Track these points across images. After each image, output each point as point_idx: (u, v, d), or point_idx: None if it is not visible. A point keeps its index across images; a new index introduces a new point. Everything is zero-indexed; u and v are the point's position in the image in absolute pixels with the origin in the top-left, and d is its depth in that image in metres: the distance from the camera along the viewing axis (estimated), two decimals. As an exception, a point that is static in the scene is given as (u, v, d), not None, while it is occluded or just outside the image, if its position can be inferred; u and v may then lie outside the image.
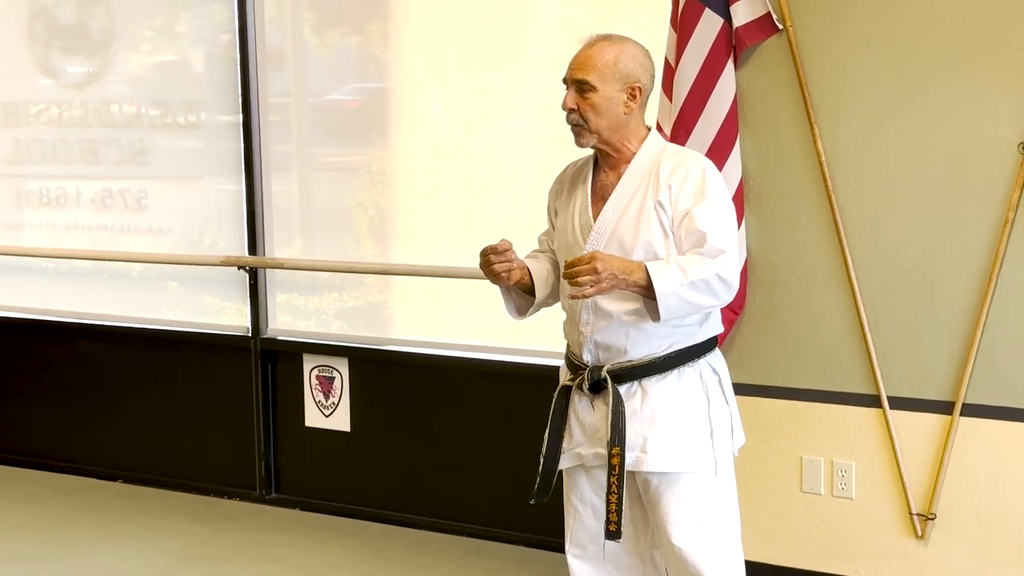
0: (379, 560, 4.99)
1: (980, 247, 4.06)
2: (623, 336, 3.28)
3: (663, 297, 3.10)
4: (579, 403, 3.39)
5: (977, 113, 4.03)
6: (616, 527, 3.26)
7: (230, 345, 5.74)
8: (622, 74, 3.28)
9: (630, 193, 3.29)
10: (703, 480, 3.31)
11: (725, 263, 3.16)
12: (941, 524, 4.21)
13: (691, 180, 3.24)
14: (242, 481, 5.74)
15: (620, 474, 3.24)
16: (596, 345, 3.33)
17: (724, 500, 3.35)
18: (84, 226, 6.19)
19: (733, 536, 3.39)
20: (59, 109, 6.20)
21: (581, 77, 3.28)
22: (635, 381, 3.30)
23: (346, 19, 5.53)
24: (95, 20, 6.05)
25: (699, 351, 3.35)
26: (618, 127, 3.30)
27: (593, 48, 3.31)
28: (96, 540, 5.29)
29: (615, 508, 3.26)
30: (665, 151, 3.33)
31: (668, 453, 3.27)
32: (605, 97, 3.27)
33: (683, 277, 3.12)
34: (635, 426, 3.28)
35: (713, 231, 3.18)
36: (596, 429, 3.34)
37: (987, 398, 4.10)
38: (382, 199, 5.49)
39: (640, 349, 3.29)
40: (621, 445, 3.24)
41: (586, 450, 3.37)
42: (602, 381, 3.30)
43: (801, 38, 4.25)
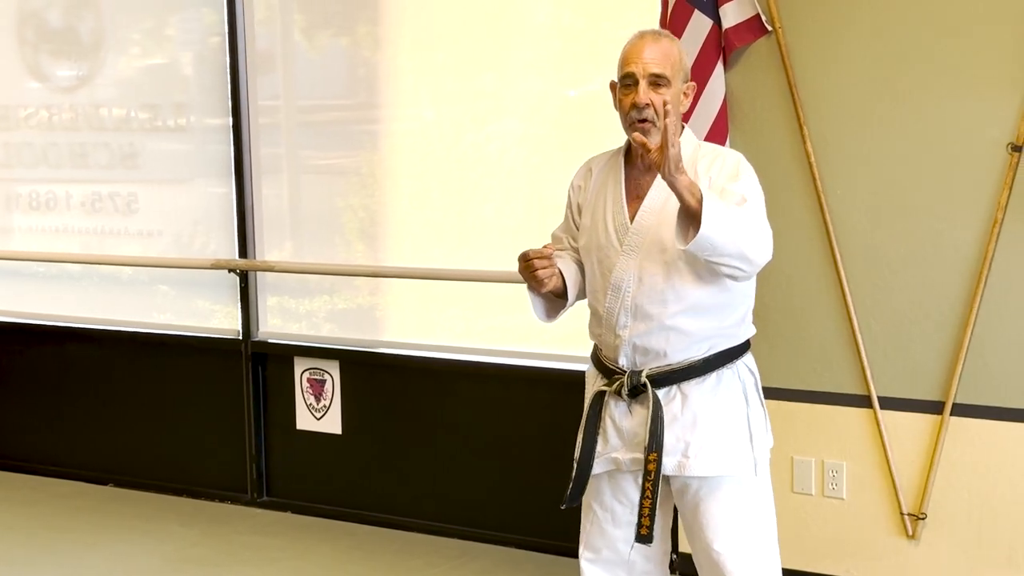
0: (370, 562, 4.99)
1: (969, 247, 4.07)
2: (663, 340, 3.21)
3: (709, 208, 2.91)
4: (615, 408, 3.31)
5: (966, 114, 4.04)
6: (648, 531, 3.22)
7: (221, 348, 5.73)
8: (685, 71, 3.24)
9: (668, 191, 3.11)
10: (743, 484, 3.26)
11: (763, 221, 3.11)
12: (932, 524, 4.22)
13: (727, 167, 3.19)
14: (233, 484, 5.74)
15: (655, 479, 3.19)
16: (634, 349, 3.25)
17: (763, 503, 3.30)
18: (74, 230, 6.18)
19: (771, 540, 3.33)
20: (49, 113, 6.20)
21: (659, 71, 3.16)
22: (674, 385, 3.23)
23: (335, 22, 5.53)
24: (84, 23, 6.05)
25: (737, 353, 3.29)
26: (679, 123, 3.20)
27: (661, 43, 3.20)
28: (88, 544, 5.28)
29: (648, 512, 3.21)
30: (701, 148, 3.27)
31: (711, 457, 3.21)
32: (676, 92, 3.19)
33: (730, 207, 3.01)
34: (676, 431, 3.22)
35: (751, 197, 3.11)
36: (635, 434, 3.27)
37: (977, 398, 4.11)
38: (372, 201, 5.49)
39: (680, 353, 3.22)
40: (658, 451, 3.18)
41: (623, 455, 3.29)
42: (641, 386, 3.23)
43: (790, 40, 4.26)
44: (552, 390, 5.00)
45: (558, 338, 5.05)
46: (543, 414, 5.03)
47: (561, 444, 5.00)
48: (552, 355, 5.01)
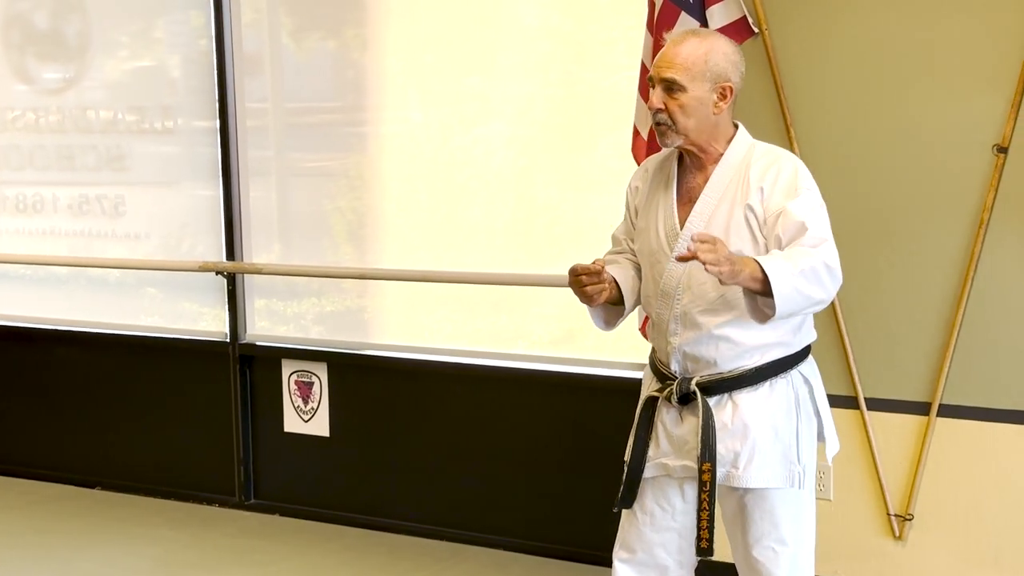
0: (358, 565, 4.99)
1: (955, 249, 4.08)
2: (712, 348, 3.15)
3: (779, 288, 2.91)
4: (666, 414, 3.25)
5: (952, 116, 4.06)
6: (708, 544, 3.16)
7: (208, 351, 5.73)
8: (713, 73, 3.09)
9: (718, 197, 3.12)
10: (789, 495, 3.20)
11: (828, 249, 3.01)
12: (919, 524, 4.23)
13: (783, 179, 3.10)
14: (221, 487, 5.73)
15: (712, 490, 3.13)
16: (684, 356, 3.19)
17: (806, 515, 3.26)
18: (61, 232, 6.17)
19: (809, 551, 3.29)
20: (35, 115, 6.18)
21: (670, 76, 3.09)
22: (726, 393, 3.17)
23: (323, 24, 5.52)
24: (71, 26, 6.04)
25: (791, 362, 3.20)
26: (706, 128, 3.12)
27: (682, 45, 3.11)
28: (75, 547, 5.27)
29: (706, 525, 3.15)
30: (755, 151, 3.17)
31: (759, 469, 3.16)
32: (694, 97, 3.09)
33: (793, 267, 2.94)
34: (725, 440, 3.15)
35: (812, 221, 3.03)
36: (684, 441, 3.21)
37: (963, 399, 4.12)
38: (360, 204, 5.48)
39: (731, 363, 3.15)
40: (712, 460, 3.12)
41: (673, 461, 3.23)
42: (691, 394, 3.17)
43: (777, 41, 4.26)
44: (540, 393, 5.00)
45: (546, 340, 5.06)
46: (531, 416, 5.03)
47: (549, 446, 5.02)
48: (540, 357, 5.01)
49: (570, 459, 4.91)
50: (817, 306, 3.06)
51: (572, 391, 4.93)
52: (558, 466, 4.96)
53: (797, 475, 3.19)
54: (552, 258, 4.91)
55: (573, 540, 4.89)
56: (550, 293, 4.93)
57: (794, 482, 3.19)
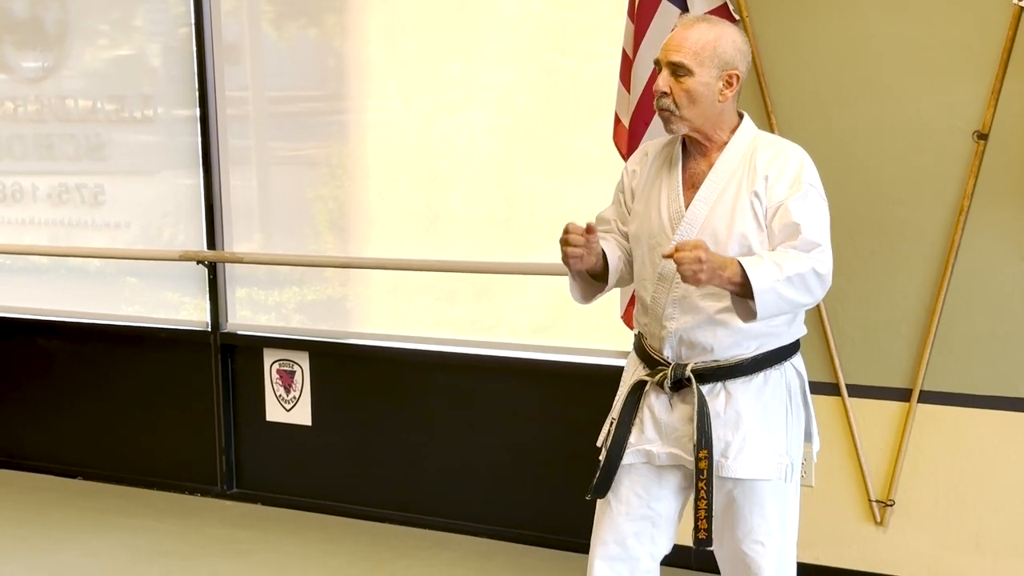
0: (341, 554, 4.99)
1: (936, 235, 4.10)
2: (710, 335, 3.12)
3: (761, 294, 2.92)
4: (655, 400, 3.21)
5: (932, 102, 4.07)
6: (706, 534, 3.14)
7: (190, 340, 5.72)
8: (721, 59, 3.07)
9: (723, 182, 3.10)
10: (778, 488, 3.19)
11: (820, 257, 3.00)
12: (900, 510, 4.25)
13: (788, 170, 3.08)
14: (203, 476, 5.72)
15: (708, 478, 3.10)
16: (680, 342, 3.16)
17: (792, 508, 3.25)
18: (41, 222, 6.15)
19: (793, 543, 3.29)
20: (14, 104, 6.15)
21: (677, 60, 3.06)
22: (719, 382, 3.15)
23: (304, 12, 5.51)
24: (50, 14, 6.00)
25: (786, 353, 3.20)
26: (711, 115, 3.10)
27: (691, 29, 3.09)
28: (56, 538, 5.25)
29: (704, 515, 3.12)
30: (760, 139, 3.16)
31: (750, 459, 3.14)
32: (701, 83, 3.06)
33: (779, 272, 2.94)
34: (717, 429, 3.13)
35: (807, 223, 3.01)
36: (674, 429, 3.19)
37: (944, 385, 4.14)
38: (342, 192, 5.47)
39: (728, 350, 3.13)
40: (709, 447, 3.10)
41: (658, 448, 3.21)
42: (685, 380, 3.15)
43: (758, 28, 4.27)
44: (522, 380, 5.01)
45: (528, 328, 5.07)
46: (513, 404, 5.03)
47: (531, 434, 5.02)
48: (522, 345, 5.02)
49: (552, 447, 4.91)
50: (802, 308, 3.08)
51: (554, 379, 4.93)
52: (540, 454, 4.96)
53: (786, 468, 3.19)
54: (534, 246, 4.91)
55: (555, 528, 4.89)
56: (532, 281, 4.94)
57: (782, 474, 3.18)
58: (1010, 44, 3.94)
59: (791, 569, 3.29)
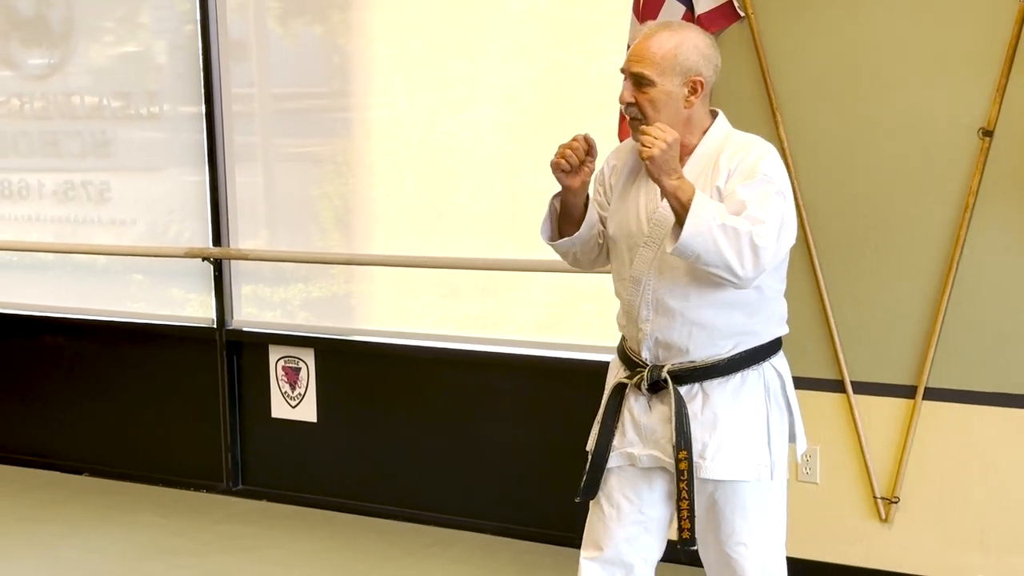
0: (346, 550, 4.99)
1: (941, 232, 4.09)
2: (686, 335, 3.11)
3: (694, 215, 2.87)
4: (634, 402, 3.22)
5: (937, 99, 4.06)
6: (690, 534, 3.14)
7: (195, 337, 5.72)
8: (683, 67, 3.06)
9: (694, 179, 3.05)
10: (760, 490, 3.17)
11: (760, 231, 2.93)
12: (905, 507, 4.25)
13: (747, 162, 3.06)
14: (208, 473, 5.73)
15: (689, 479, 3.10)
16: (656, 343, 3.15)
17: (777, 510, 3.23)
18: (47, 219, 6.16)
19: (781, 546, 3.27)
20: (20, 101, 6.16)
21: (638, 70, 3.07)
22: (696, 383, 3.14)
23: (309, 9, 5.51)
24: (55, 11, 6.01)
25: (764, 353, 3.17)
26: (678, 122, 3.08)
27: (652, 39, 3.09)
28: (62, 534, 5.26)
29: (687, 515, 3.12)
30: (729, 139, 3.15)
31: (728, 460, 3.12)
32: (663, 92, 3.06)
33: (722, 216, 2.91)
34: (694, 430, 3.12)
35: (753, 202, 2.97)
36: (652, 430, 3.18)
37: (949, 382, 4.14)
38: (347, 189, 5.48)
39: (703, 350, 3.12)
40: (688, 448, 3.09)
41: (639, 451, 3.20)
42: (662, 381, 3.14)
43: (763, 25, 4.27)
44: (527, 377, 5.01)
45: (533, 325, 5.07)
46: (518, 401, 5.04)
47: (537, 431, 5.02)
48: (527, 342, 5.02)
49: (556, 443, 4.91)
50: (728, 276, 2.97)
51: (559, 375, 4.93)
52: (545, 450, 4.96)
53: (766, 469, 3.16)
54: (539, 243, 4.87)
55: (560, 524, 4.89)
56: (537, 278, 4.94)
57: (762, 476, 3.16)
58: (1015, 41, 3.93)
59: (779, 570, 3.26)
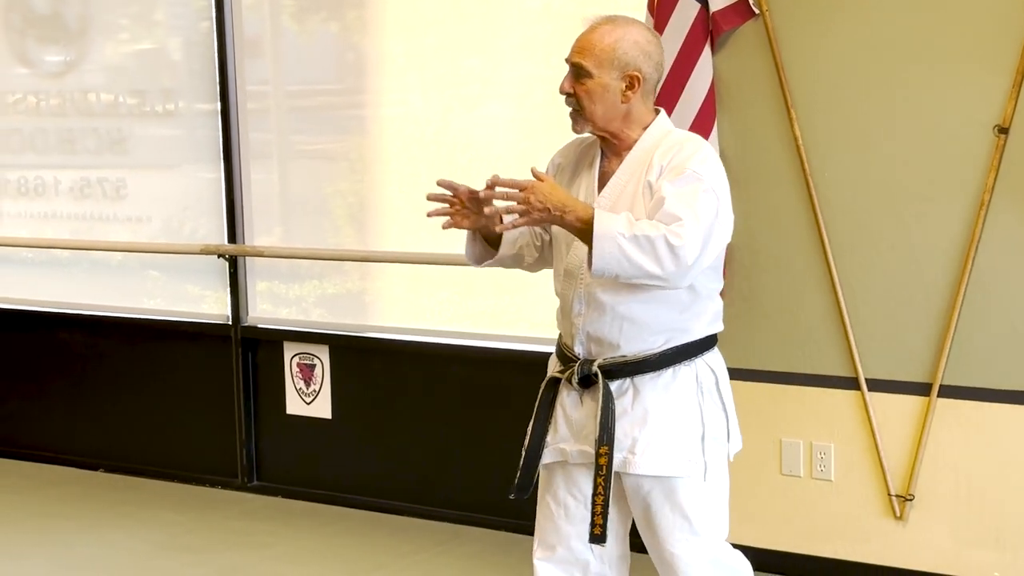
0: (360, 546, 5.00)
1: (956, 229, 4.09)
2: (616, 330, 3.11)
3: (599, 241, 2.89)
4: (567, 397, 3.23)
5: (953, 96, 4.06)
6: (601, 530, 3.12)
7: (211, 333, 5.74)
8: (621, 61, 3.08)
9: (625, 180, 3.11)
10: (698, 487, 3.14)
11: (677, 230, 2.91)
12: (919, 505, 4.24)
13: (678, 158, 3.05)
14: (224, 469, 5.74)
15: (607, 474, 3.09)
16: (588, 337, 3.16)
17: (718, 507, 3.21)
18: (63, 215, 6.18)
19: (726, 544, 3.25)
20: (36, 98, 6.18)
21: (577, 61, 3.10)
22: (627, 378, 3.13)
23: (324, 6, 5.52)
24: (71, 8, 6.03)
25: (696, 349, 3.16)
26: (615, 116, 3.11)
27: (594, 32, 3.12)
28: (78, 530, 5.28)
29: (600, 511, 3.10)
30: (667, 137, 3.14)
31: (658, 456, 3.10)
32: (600, 84, 3.08)
33: (627, 228, 2.90)
34: (624, 426, 3.11)
35: (673, 200, 2.95)
36: (583, 426, 3.19)
37: (964, 379, 4.13)
38: (362, 186, 5.49)
39: (634, 344, 3.11)
40: (610, 444, 3.08)
41: (570, 446, 3.21)
42: (592, 376, 3.14)
43: (777, 23, 4.26)
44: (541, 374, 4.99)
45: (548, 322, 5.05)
46: (532, 398, 5.02)
47: (550, 427, 5.01)
48: (542, 339, 5.01)
49: (571, 441, 4.91)
50: (654, 280, 2.96)
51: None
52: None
53: (699, 466, 3.14)
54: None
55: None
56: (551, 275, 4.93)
57: (694, 473, 3.13)
58: (1031, 37, 3.93)
59: (726, 565, 3.23)
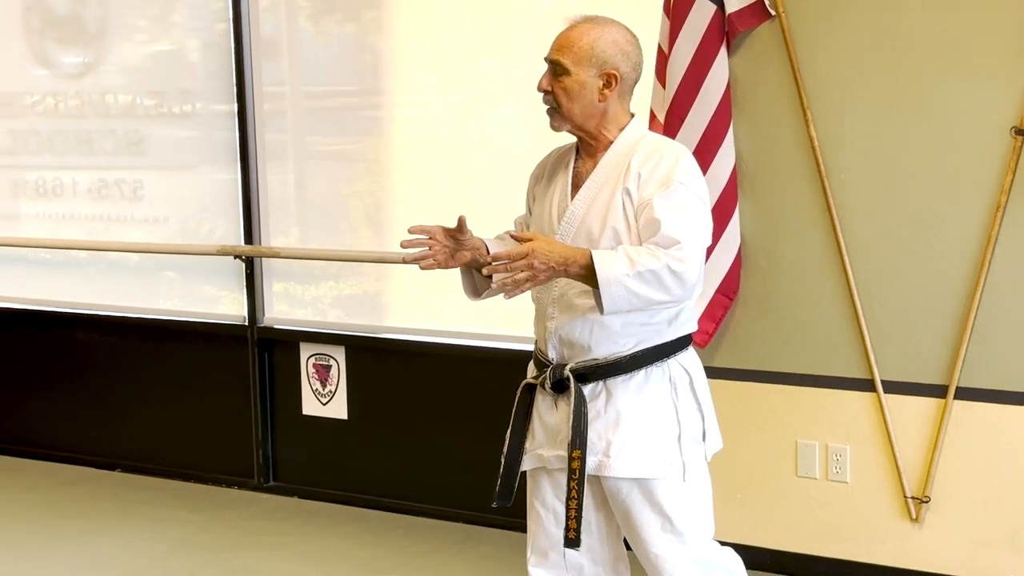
0: (376, 547, 5.01)
1: (973, 231, 4.08)
2: (587, 332, 3.10)
3: (606, 287, 2.90)
4: (542, 402, 3.23)
5: (970, 98, 4.05)
6: (575, 535, 3.11)
7: (227, 334, 5.75)
8: (599, 59, 3.09)
9: (602, 182, 3.11)
10: (674, 486, 3.12)
11: (678, 255, 2.92)
12: (935, 507, 4.23)
13: (661, 168, 3.04)
14: (240, 469, 5.76)
15: (580, 478, 3.07)
16: (560, 341, 3.15)
17: (697, 505, 3.18)
18: (80, 216, 6.20)
19: (712, 543, 3.23)
20: (55, 100, 6.21)
21: (556, 58, 3.10)
22: (600, 381, 3.12)
23: (341, 7, 5.53)
24: (90, 10, 6.06)
25: (668, 350, 3.14)
26: (592, 114, 3.11)
27: (573, 30, 3.13)
28: (94, 529, 5.30)
29: (574, 515, 3.08)
30: (644, 140, 3.14)
31: (633, 458, 3.09)
32: (577, 82, 3.08)
33: (629, 267, 2.90)
34: (598, 428, 3.11)
35: (669, 220, 2.96)
36: (558, 430, 3.17)
37: (980, 381, 4.12)
38: (378, 187, 5.50)
39: (604, 347, 3.10)
40: (582, 448, 3.07)
41: (547, 452, 3.20)
42: (564, 380, 3.13)
43: (793, 24, 4.26)
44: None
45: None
46: (548, 399, 5.04)
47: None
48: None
49: (587, 442, 4.92)
50: (664, 305, 3.00)
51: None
52: (575, 449, 4.96)
53: (676, 467, 3.12)
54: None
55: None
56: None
57: (671, 473, 3.12)
58: (1049, 39, 3.92)
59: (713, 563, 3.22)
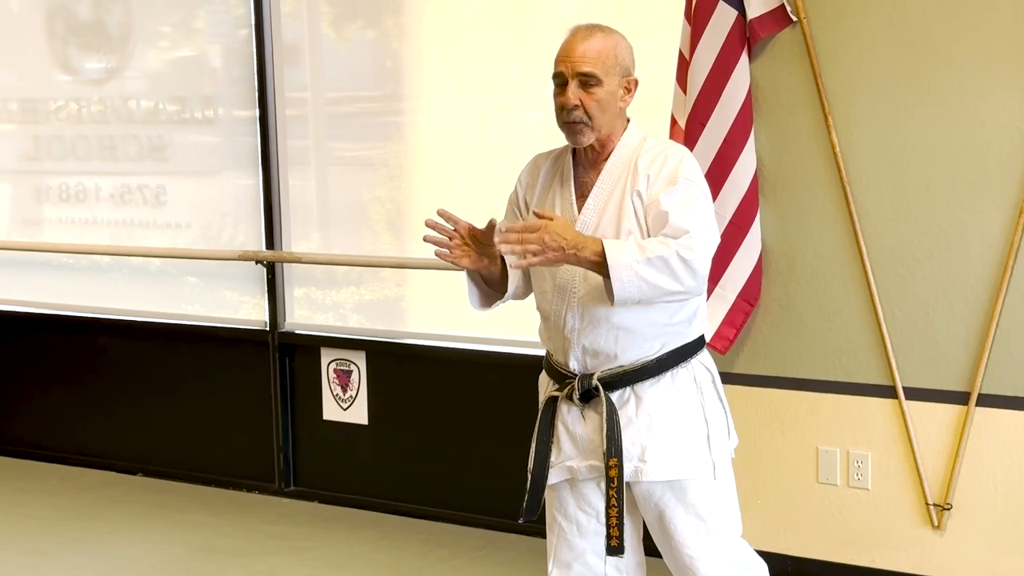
0: (396, 552, 5.01)
1: (995, 237, 4.06)
2: (612, 340, 3.11)
3: (616, 271, 2.91)
4: (568, 414, 3.22)
5: (991, 103, 4.03)
6: (618, 542, 3.13)
7: (248, 339, 5.77)
8: (622, 67, 3.13)
9: (610, 188, 3.12)
10: (708, 487, 3.17)
11: (688, 243, 2.95)
12: (957, 514, 4.22)
13: (667, 167, 3.08)
14: (260, 474, 5.77)
15: (619, 486, 3.10)
16: (584, 351, 3.15)
17: (727, 503, 3.22)
18: (103, 222, 6.23)
19: (741, 540, 3.26)
20: (78, 105, 6.24)
21: (588, 70, 3.08)
22: (627, 387, 3.14)
23: (362, 13, 5.55)
24: (113, 16, 6.09)
25: (691, 350, 3.18)
26: (615, 123, 3.15)
27: (591, 39, 3.13)
28: (116, 533, 5.32)
29: (616, 523, 3.11)
30: (645, 143, 3.17)
31: (668, 461, 3.13)
32: (609, 91, 3.10)
33: (639, 253, 2.92)
34: (631, 434, 3.13)
35: (677, 212, 2.99)
36: (589, 440, 3.18)
37: (1003, 388, 4.10)
38: (399, 193, 5.51)
39: (631, 353, 3.12)
40: (618, 455, 3.09)
41: (578, 463, 3.20)
42: (593, 389, 3.14)
43: (815, 30, 4.25)
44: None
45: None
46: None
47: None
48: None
49: (607, 448, 4.91)
50: (675, 296, 3.01)
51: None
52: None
53: (708, 465, 3.16)
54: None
55: (610, 528, 4.89)
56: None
57: (704, 471, 3.15)
58: (1072, 44, 3.91)
59: (743, 561, 3.23)
